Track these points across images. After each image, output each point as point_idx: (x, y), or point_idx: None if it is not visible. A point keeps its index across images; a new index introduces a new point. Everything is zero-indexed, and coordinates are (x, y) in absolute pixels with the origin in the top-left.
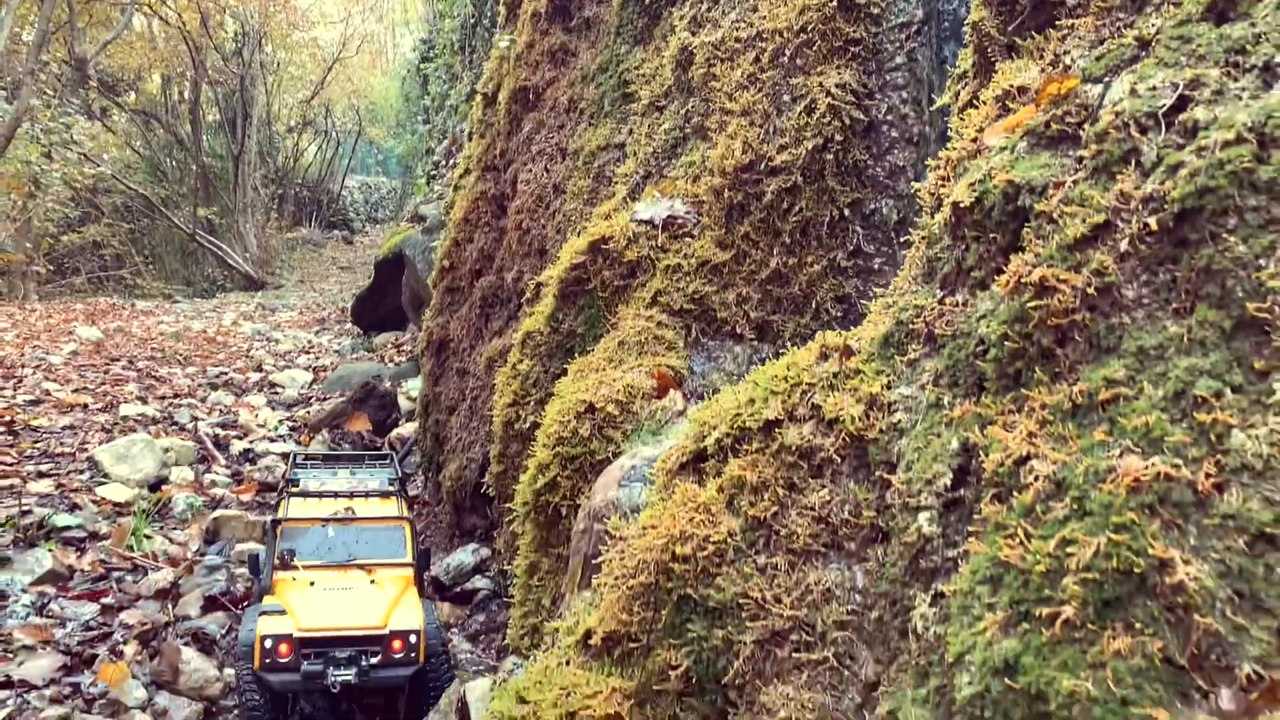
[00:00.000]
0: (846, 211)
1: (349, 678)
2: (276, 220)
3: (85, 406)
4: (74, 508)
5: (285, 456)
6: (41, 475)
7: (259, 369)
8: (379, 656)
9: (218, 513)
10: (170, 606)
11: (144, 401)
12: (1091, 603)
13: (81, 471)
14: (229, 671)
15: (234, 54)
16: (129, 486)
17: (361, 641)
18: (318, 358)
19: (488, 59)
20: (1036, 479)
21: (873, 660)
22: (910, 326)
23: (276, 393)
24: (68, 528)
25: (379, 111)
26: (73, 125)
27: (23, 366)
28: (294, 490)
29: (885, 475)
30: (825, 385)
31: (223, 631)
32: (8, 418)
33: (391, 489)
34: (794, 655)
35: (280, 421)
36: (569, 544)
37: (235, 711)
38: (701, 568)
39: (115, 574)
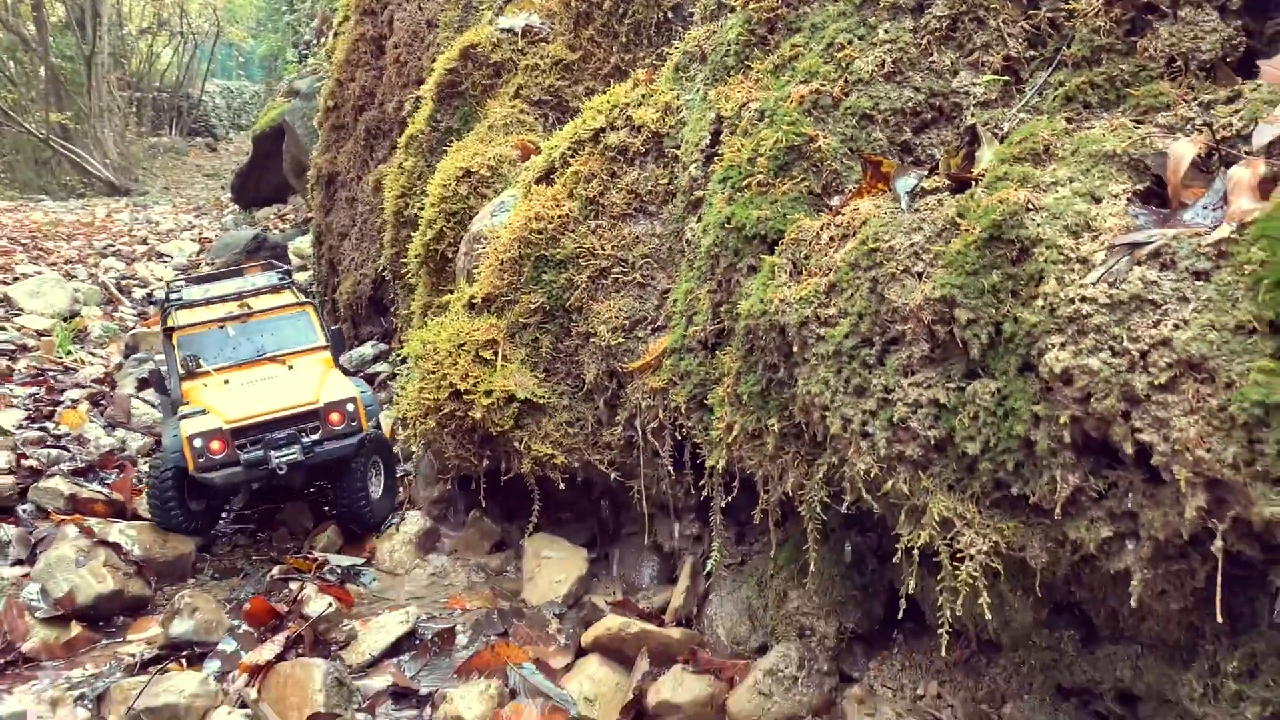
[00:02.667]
0: (670, 13)
1: (294, 455)
2: (136, 126)
3: None
4: None
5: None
6: None
7: (144, 243)
8: (319, 432)
9: (135, 329)
10: (108, 387)
11: (37, 266)
12: (772, 169)
13: None
14: None
15: None
16: (45, 318)
17: (297, 420)
18: (201, 233)
19: None
20: (749, 111)
21: (665, 277)
22: (691, 52)
23: (165, 260)
24: None
25: (237, 11)
26: None
27: None
28: (178, 302)
29: (673, 155)
30: (635, 103)
31: (159, 401)
32: None
33: (282, 283)
34: (615, 281)
35: (176, 275)
36: (454, 280)
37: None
38: (550, 235)
39: (50, 373)
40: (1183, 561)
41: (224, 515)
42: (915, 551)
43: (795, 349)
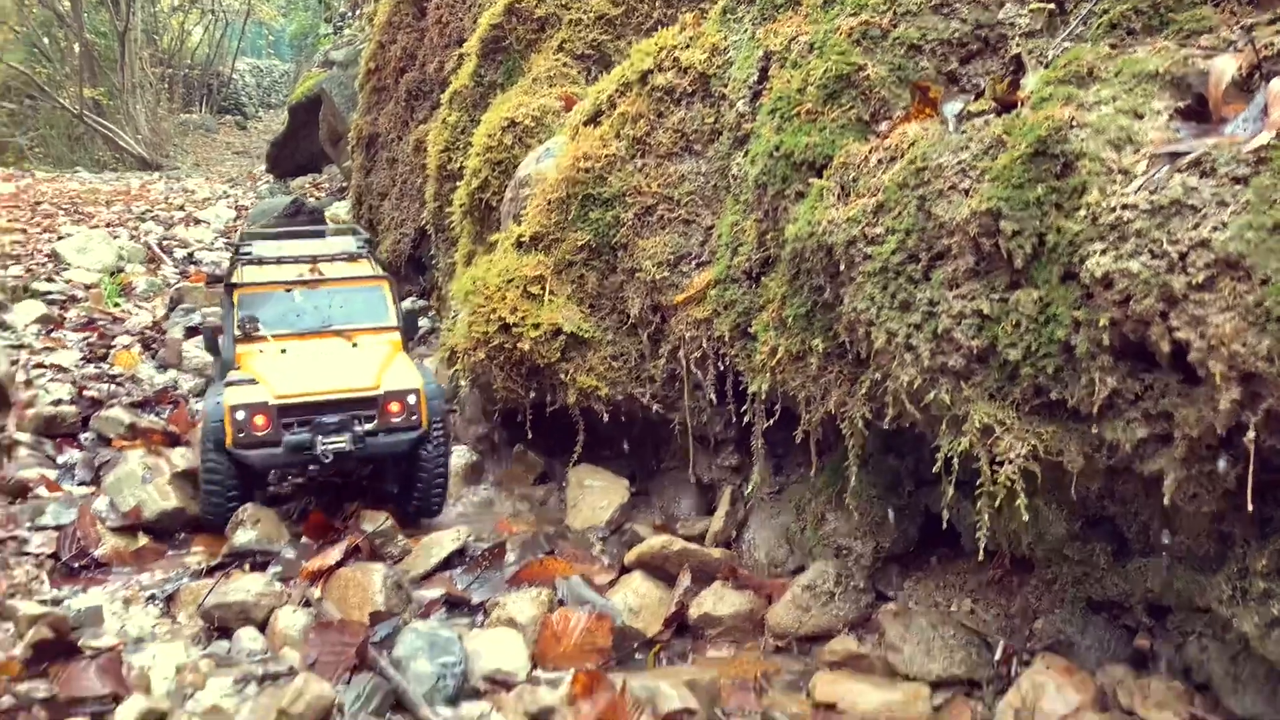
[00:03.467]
0: None
1: (343, 445)
2: (167, 103)
3: (24, 231)
4: (49, 281)
5: (232, 243)
6: (7, 268)
7: (181, 209)
8: (374, 422)
9: (180, 284)
10: (157, 334)
11: (78, 229)
12: (821, 97)
13: (45, 264)
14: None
15: None
16: (92, 272)
17: (352, 406)
18: (236, 201)
19: None
20: (798, 44)
21: (710, 213)
22: None
23: (203, 225)
24: (48, 293)
25: None
26: None
27: None
28: (246, 258)
29: (720, 95)
30: (682, 45)
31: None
32: None
33: (360, 251)
34: (660, 219)
35: (215, 237)
36: (499, 228)
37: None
38: (598, 174)
39: (99, 321)
40: (1214, 462)
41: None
42: (954, 463)
43: (842, 268)
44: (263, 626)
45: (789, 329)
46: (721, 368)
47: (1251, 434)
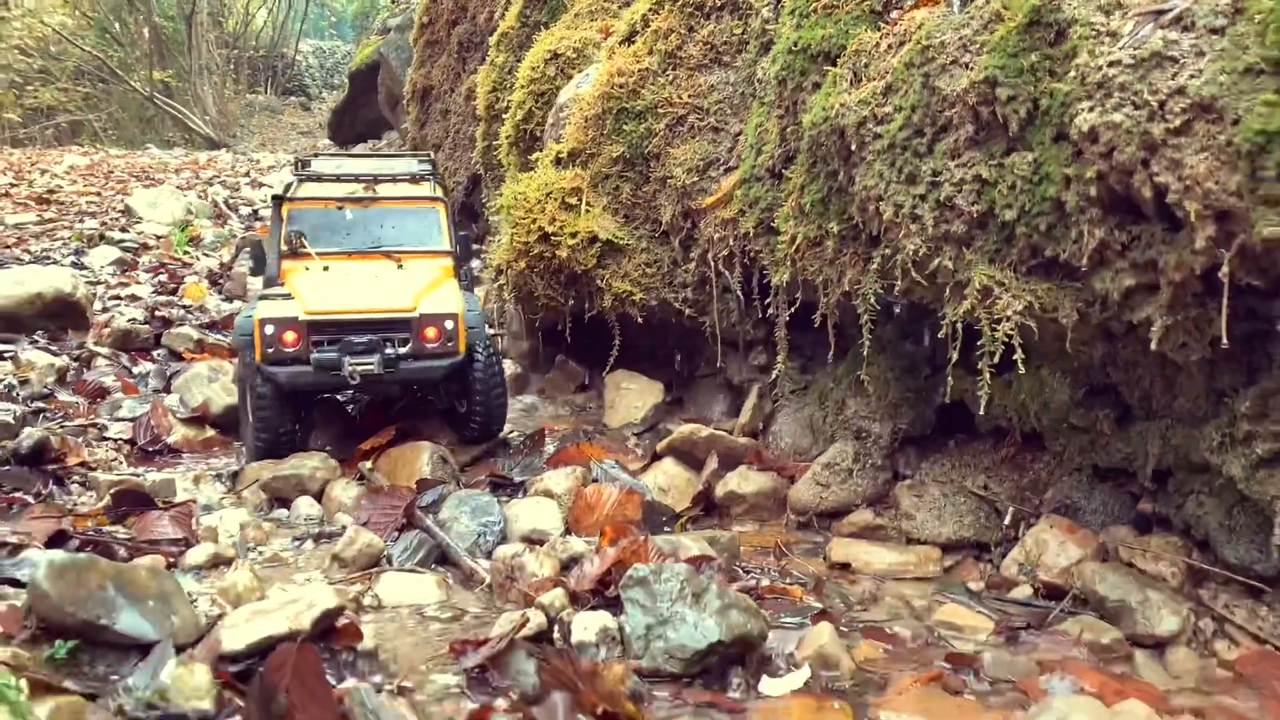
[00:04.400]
0: None
1: (371, 367)
2: (233, 85)
3: (99, 193)
4: (122, 231)
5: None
6: (84, 221)
7: (247, 175)
8: (408, 345)
9: (245, 234)
10: (225, 271)
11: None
12: None
13: (118, 218)
14: None
15: None
16: (163, 225)
17: (385, 326)
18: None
19: None
20: None
21: (738, 121)
22: None
23: (267, 188)
24: (121, 240)
25: None
26: None
27: (29, 172)
28: (305, 173)
29: (747, 6)
30: None
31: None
32: (36, 196)
33: (423, 172)
34: (690, 128)
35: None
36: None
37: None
38: (631, 89)
39: (169, 266)
40: (1199, 308)
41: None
42: (959, 328)
43: (854, 149)
44: (319, 498)
45: (807, 216)
46: (747, 263)
47: (1226, 269)
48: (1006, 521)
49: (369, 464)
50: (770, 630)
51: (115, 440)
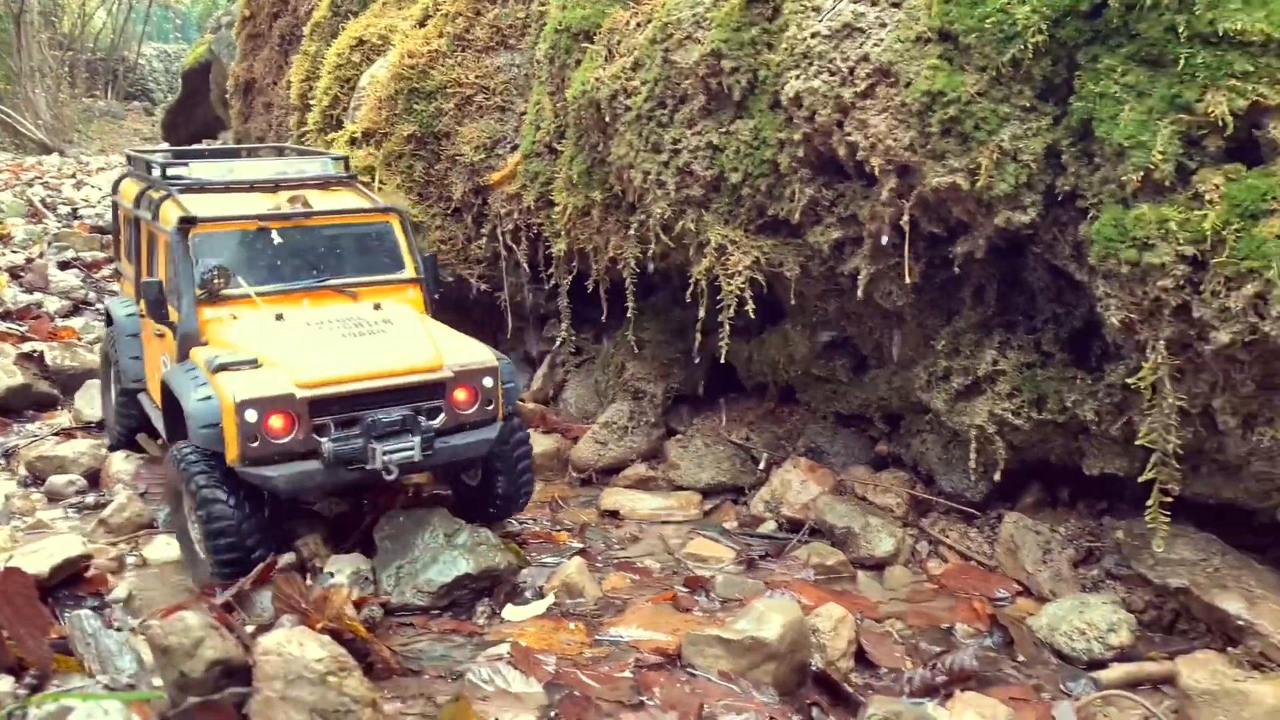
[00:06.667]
0: None
1: (410, 453)
2: (69, 88)
3: None
4: None
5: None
6: None
7: (72, 177)
8: (440, 416)
9: (58, 231)
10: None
11: None
12: None
13: None
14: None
15: None
16: None
17: (407, 395)
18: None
19: None
20: None
21: (523, 101)
22: None
23: (92, 188)
24: None
25: None
26: None
27: None
28: (176, 184)
29: None
30: None
31: (80, 282)
32: None
33: (343, 174)
34: (478, 108)
35: (102, 196)
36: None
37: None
38: (421, 69)
39: None
40: (896, 256)
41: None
42: (703, 284)
43: (608, 121)
44: (94, 477)
45: (575, 186)
46: (533, 237)
47: (906, 216)
48: (761, 467)
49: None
50: (527, 568)
51: None
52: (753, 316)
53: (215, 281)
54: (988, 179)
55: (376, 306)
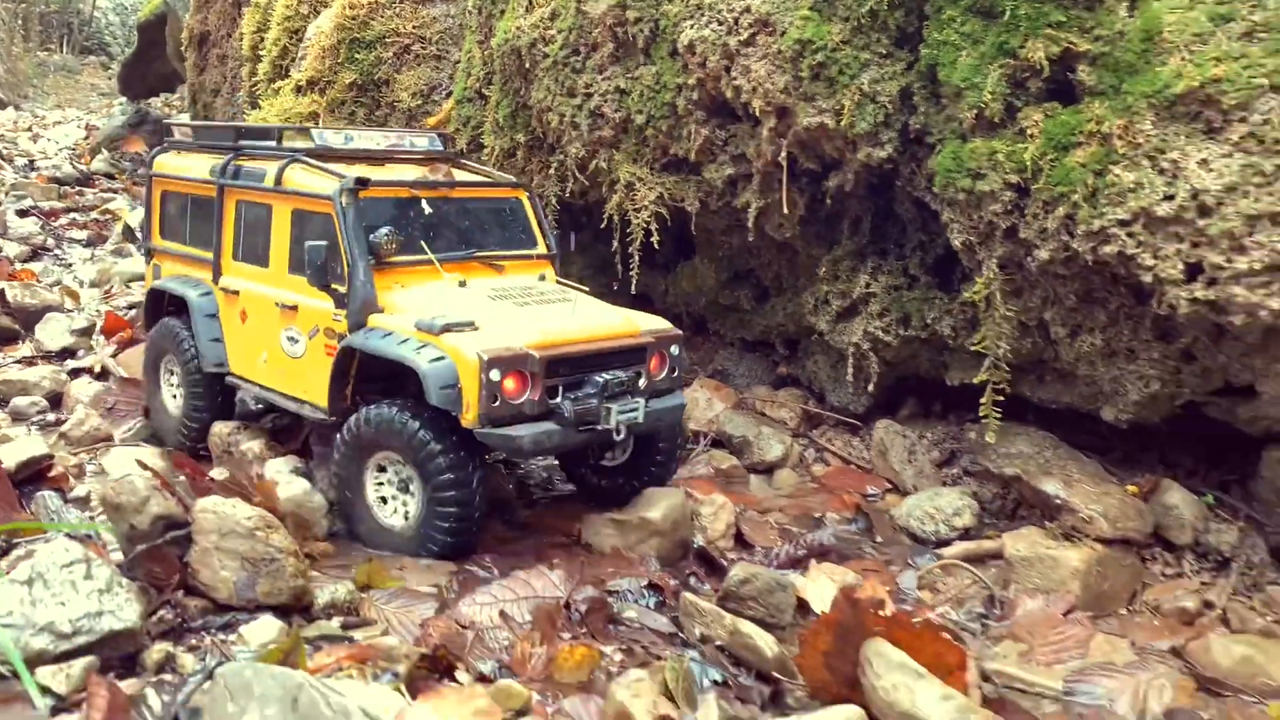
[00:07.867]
0: None
1: (635, 414)
2: (23, 42)
3: None
4: None
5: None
6: None
7: (29, 129)
8: (643, 380)
9: (17, 183)
10: None
11: None
12: None
13: None
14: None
15: None
16: None
17: (616, 359)
18: (88, 123)
19: None
20: None
21: (458, 50)
22: None
23: (49, 141)
24: None
25: None
26: None
27: None
28: (303, 149)
29: None
30: None
31: (39, 229)
32: None
33: (449, 152)
34: (415, 56)
35: (60, 149)
36: None
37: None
38: (362, 20)
39: None
40: (781, 190)
41: None
42: (616, 219)
43: (529, 67)
44: (56, 400)
45: (501, 129)
46: None
47: (784, 153)
48: None
49: (112, 351)
50: None
51: None
52: (657, 248)
53: (388, 246)
54: (850, 118)
55: (542, 278)
